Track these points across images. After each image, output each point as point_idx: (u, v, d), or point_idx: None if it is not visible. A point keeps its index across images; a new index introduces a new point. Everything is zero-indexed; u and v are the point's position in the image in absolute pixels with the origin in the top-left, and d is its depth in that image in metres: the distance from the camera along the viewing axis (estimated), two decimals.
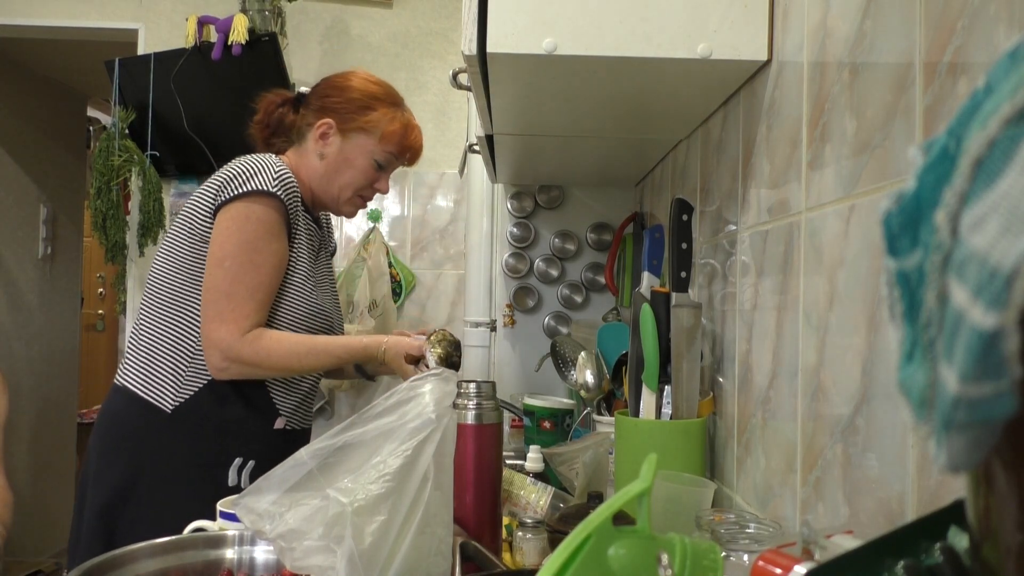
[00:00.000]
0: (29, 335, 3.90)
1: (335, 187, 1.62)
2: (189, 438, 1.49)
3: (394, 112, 1.63)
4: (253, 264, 1.45)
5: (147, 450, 1.48)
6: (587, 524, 0.58)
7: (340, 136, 1.60)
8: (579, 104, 1.34)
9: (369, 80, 1.66)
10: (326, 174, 1.61)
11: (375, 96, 1.63)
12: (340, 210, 1.67)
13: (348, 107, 1.61)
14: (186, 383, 1.50)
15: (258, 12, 2.83)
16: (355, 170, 1.62)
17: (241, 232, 1.46)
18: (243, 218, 1.46)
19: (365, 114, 1.61)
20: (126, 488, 1.47)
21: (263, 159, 1.52)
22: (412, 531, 0.86)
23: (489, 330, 2.20)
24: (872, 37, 0.78)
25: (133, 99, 2.86)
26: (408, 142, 1.65)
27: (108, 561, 0.91)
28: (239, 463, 1.50)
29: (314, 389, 1.66)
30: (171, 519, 1.08)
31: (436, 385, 0.95)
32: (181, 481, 1.47)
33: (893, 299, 0.32)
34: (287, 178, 1.50)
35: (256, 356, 1.45)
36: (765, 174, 1.08)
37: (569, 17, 1.05)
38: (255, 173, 1.48)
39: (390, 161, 1.65)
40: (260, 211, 1.46)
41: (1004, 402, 0.26)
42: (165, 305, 1.52)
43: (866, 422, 0.76)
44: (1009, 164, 0.26)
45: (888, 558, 0.42)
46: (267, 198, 1.47)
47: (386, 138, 1.61)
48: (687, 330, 1.21)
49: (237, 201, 1.46)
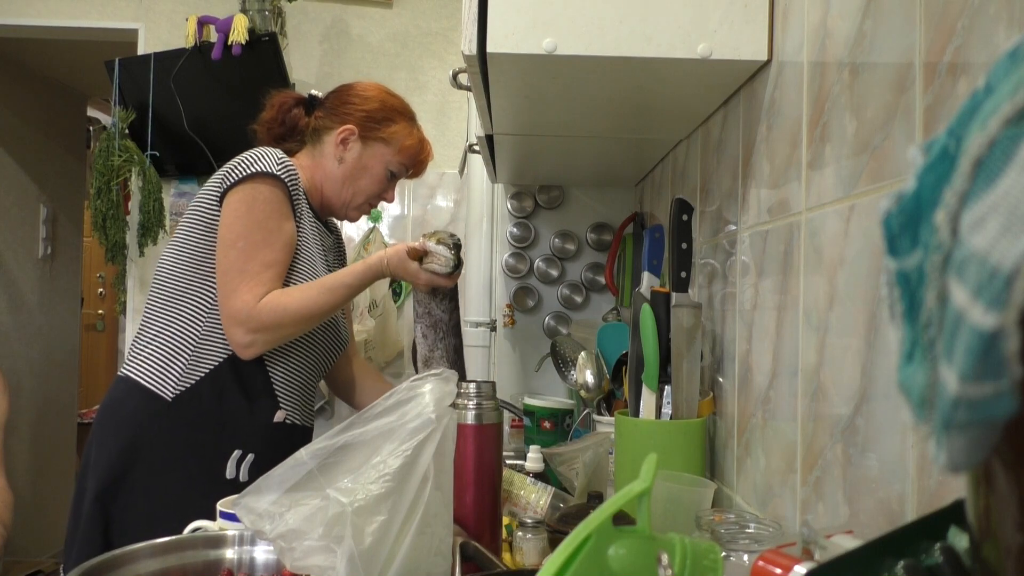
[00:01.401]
0: (29, 335, 3.90)
1: (349, 192, 1.67)
2: (188, 427, 1.49)
3: (411, 126, 1.71)
4: (267, 242, 1.48)
5: (145, 436, 1.49)
6: (587, 524, 0.58)
7: (361, 143, 1.66)
8: (579, 104, 1.34)
9: (389, 93, 1.74)
10: (343, 178, 1.66)
11: (396, 109, 1.70)
12: (347, 215, 1.71)
13: (371, 117, 1.67)
14: (188, 372, 1.50)
15: (258, 12, 2.83)
16: (371, 178, 1.67)
17: (251, 212, 1.48)
18: (251, 199, 1.49)
19: (387, 125, 1.67)
20: (123, 473, 1.48)
21: (264, 150, 1.56)
22: (412, 531, 0.86)
23: (489, 330, 2.20)
24: (872, 37, 0.78)
25: (133, 99, 2.86)
26: (422, 156, 1.74)
27: (108, 561, 0.91)
28: (238, 455, 1.50)
29: (315, 381, 1.67)
30: (166, 507, 1.07)
31: (436, 385, 0.95)
32: (177, 469, 1.47)
33: (893, 299, 0.32)
34: (289, 166, 1.54)
35: (274, 315, 1.46)
36: (765, 174, 1.08)
37: (569, 17, 1.05)
38: (258, 159, 1.52)
39: (401, 172, 1.72)
40: (267, 191, 1.50)
41: (1004, 402, 0.26)
42: (172, 296, 1.54)
43: (866, 422, 0.76)
44: (1009, 164, 0.26)
45: (888, 558, 0.42)
46: (271, 179, 1.50)
47: (403, 151, 1.68)
48: (687, 330, 1.21)
49: (243, 184, 1.49)
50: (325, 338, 1.65)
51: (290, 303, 1.48)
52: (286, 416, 1.58)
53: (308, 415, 1.67)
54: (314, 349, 1.63)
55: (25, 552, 3.59)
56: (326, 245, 1.70)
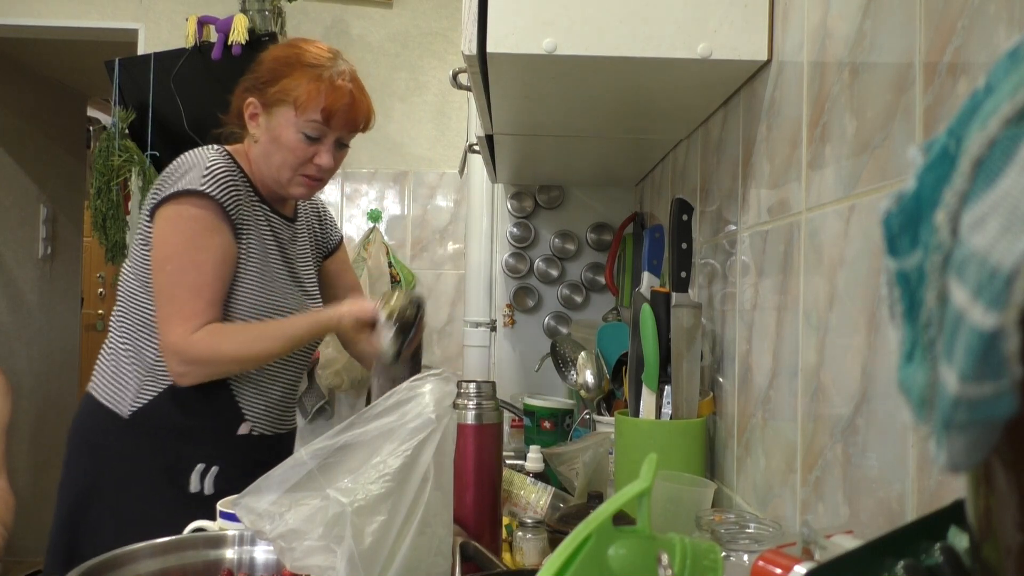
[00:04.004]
0: (29, 335, 3.90)
1: (273, 169, 1.49)
2: (147, 444, 1.44)
3: (310, 74, 1.45)
4: (194, 264, 1.39)
5: (107, 456, 1.46)
6: (587, 524, 0.58)
7: (265, 114, 1.48)
8: (579, 104, 1.34)
9: (288, 46, 1.53)
10: (263, 157, 1.50)
11: (286, 61, 1.48)
12: (289, 193, 1.53)
13: (262, 80, 1.48)
14: (144, 389, 1.46)
15: (258, 12, 2.83)
16: (284, 148, 1.47)
17: (177, 232, 1.40)
18: (176, 217, 1.40)
19: (277, 83, 1.46)
20: (89, 494, 1.45)
21: (197, 155, 1.45)
22: (412, 531, 0.86)
23: (489, 330, 2.20)
24: (872, 37, 0.78)
25: (133, 99, 2.86)
26: (328, 104, 1.45)
27: (108, 561, 0.91)
28: (201, 469, 1.45)
29: (288, 395, 1.59)
30: (133, 526, 1.04)
31: (436, 385, 0.95)
32: (142, 487, 1.44)
33: (893, 299, 0.32)
34: (219, 173, 1.42)
35: (206, 353, 1.39)
36: (765, 174, 1.08)
37: (569, 17, 1.05)
38: (185, 172, 1.42)
39: (320, 131, 1.47)
40: (191, 210, 1.40)
41: (1004, 402, 0.26)
42: (126, 311, 1.49)
43: (866, 422, 0.76)
44: (1009, 164, 0.26)
45: (888, 558, 0.42)
46: (195, 197, 1.39)
47: (303, 105, 1.44)
48: (687, 330, 1.21)
49: (168, 203, 1.41)
50: (299, 353, 1.57)
51: (224, 345, 1.41)
52: (252, 428, 1.52)
53: (280, 424, 1.59)
54: (288, 365, 1.56)
55: (25, 552, 3.59)
56: (285, 237, 1.57)
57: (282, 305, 1.51)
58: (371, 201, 3.19)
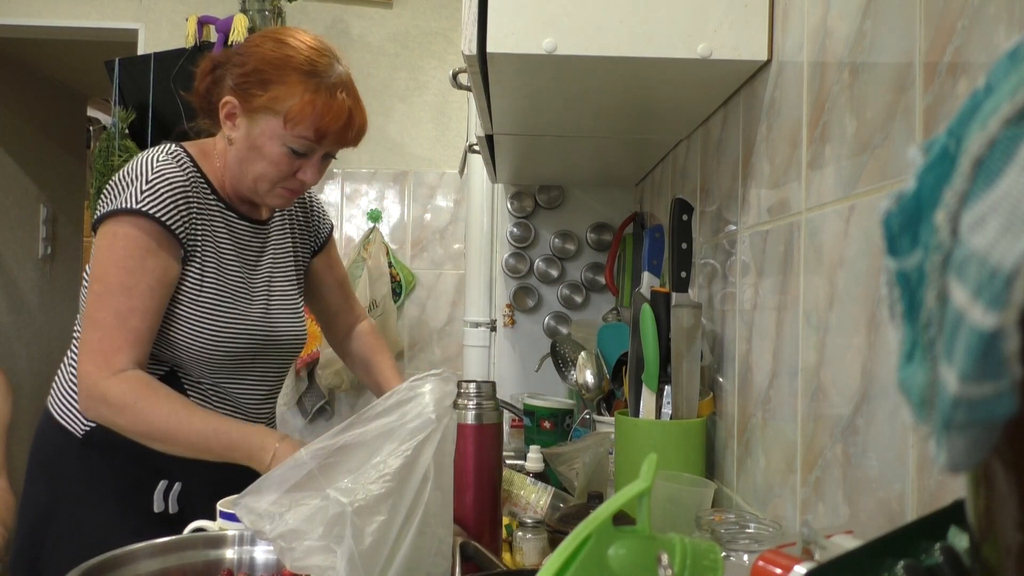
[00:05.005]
0: (29, 335, 3.90)
1: (249, 178, 1.35)
2: (104, 464, 1.34)
3: (306, 83, 1.29)
4: (123, 287, 1.26)
5: (63, 476, 1.37)
6: (587, 524, 0.58)
7: (246, 118, 1.32)
8: (579, 104, 1.34)
9: (279, 42, 1.33)
10: (237, 163, 1.35)
11: (278, 64, 1.30)
12: (265, 203, 1.40)
13: (249, 80, 1.31)
14: None
15: (258, 12, 2.83)
16: (266, 160, 1.32)
17: (109, 252, 1.28)
18: (112, 236, 1.28)
19: (267, 88, 1.29)
20: (48, 515, 1.36)
21: (142, 164, 1.31)
22: (412, 531, 0.86)
23: (489, 330, 2.20)
24: (872, 37, 0.78)
25: (133, 99, 2.87)
26: (324, 124, 1.29)
27: (108, 561, 0.91)
28: (163, 487, 1.35)
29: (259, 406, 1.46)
30: (94, 547, 0.97)
31: (436, 385, 0.95)
32: (101, 508, 1.34)
33: (893, 299, 0.32)
34: (162, 186, 1.28)
35: (117, 403, 1.23)
36: (765, 174, 1.08)
37: (569, 17, 1.05)
38: (125, 186, 1.29)
39: (309, 148, 1.32)
40: (126, 230, 1.27)
41: (1004, 402, 0.26)
42: (80, 327, 1.38)
43: (866, 422, 0.76)
44: (1009, 164, 0.26)
45: (888, 558, 0.42)
46: (132, 216, 1.27)
47: (294, 119, 1.28)
48: (687, 330, 1.21)
49: (106, 220, 1.29)
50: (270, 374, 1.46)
51: (143, 405, 1.23)
52: None
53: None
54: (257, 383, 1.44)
55: None
56: (250, 245, 1.43)
57: (232, 326, 1.37)
58: (371, 201, 3.20)
